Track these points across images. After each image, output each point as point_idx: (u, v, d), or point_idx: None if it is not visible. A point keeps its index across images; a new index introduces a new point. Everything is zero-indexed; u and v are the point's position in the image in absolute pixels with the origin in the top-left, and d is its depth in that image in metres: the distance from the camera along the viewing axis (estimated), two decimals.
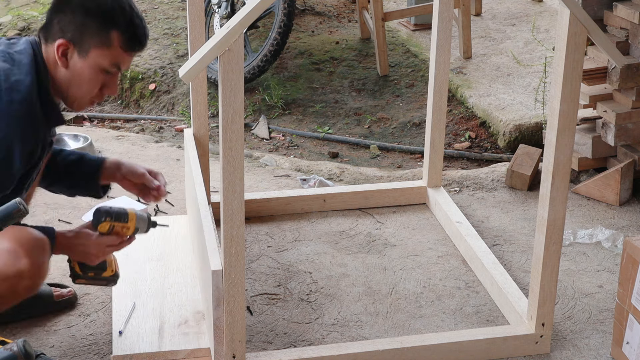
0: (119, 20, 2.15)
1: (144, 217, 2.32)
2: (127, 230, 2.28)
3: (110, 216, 2.26)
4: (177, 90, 4.79)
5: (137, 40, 2.20)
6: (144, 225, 2.32)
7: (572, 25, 2.12)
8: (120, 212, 2.27)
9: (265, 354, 2.36)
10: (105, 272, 2.36)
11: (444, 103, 3.12)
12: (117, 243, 2.28)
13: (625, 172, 3.28)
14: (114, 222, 2.26)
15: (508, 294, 2.61)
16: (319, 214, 3.23)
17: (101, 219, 2.25)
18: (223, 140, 2.05)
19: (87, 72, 2.17)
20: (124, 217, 2.27)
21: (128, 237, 2.31)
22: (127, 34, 2.17)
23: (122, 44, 2.17)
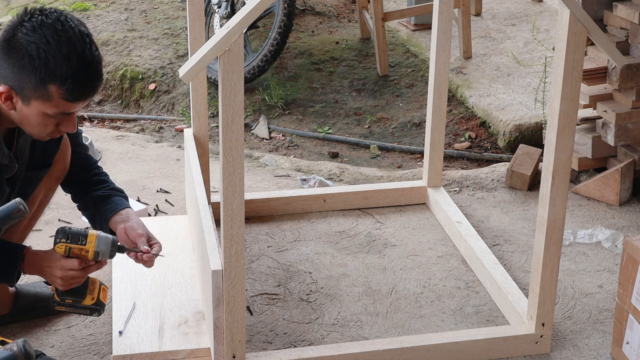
0: (57, 73, 1.97)
1: (107, 241, 2.15)
2: (86, 253, 2.13)
3: (66, 237, 2.12)
4: (177, 90, 4.79)
5: (80, 91, 2.02)
6: (106, 249, 2.15)
7: (572, 25, 2.12)
8: (78, 233, 2.13)
9: (265, 354, 2.36)
10: (85, 300, 2.22)
11: (444, 103, 3.12)
12: (80, 267, 2.15)
13: (625, 172, 3.28)
14: (70, 244, 2.12)
15: (508, 294, 2.61)
16: (319, 214, 3.23)
17: (57, 239, 2.13)
18: (223, 140, 2.05)
19: (34, 118, 2.05)
20: (82, 238, 2.13)
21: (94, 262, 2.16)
22: (66, 88, 2.00)
23: (62, 97, 2.01)
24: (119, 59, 5.01)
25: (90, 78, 2.03)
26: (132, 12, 5.58)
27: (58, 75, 1.98)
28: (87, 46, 2.02)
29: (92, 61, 2.03)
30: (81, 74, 2.00)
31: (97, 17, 5.49)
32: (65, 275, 2.15)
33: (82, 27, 2.04)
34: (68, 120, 2.10)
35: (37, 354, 2.12)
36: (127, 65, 4.96)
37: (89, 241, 2.14)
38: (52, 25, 1.99)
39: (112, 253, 2.18)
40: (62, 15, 2.03)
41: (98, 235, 2.15)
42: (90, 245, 2.14)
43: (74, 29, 2.01)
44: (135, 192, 3.37)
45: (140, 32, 5.30)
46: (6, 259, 2.18)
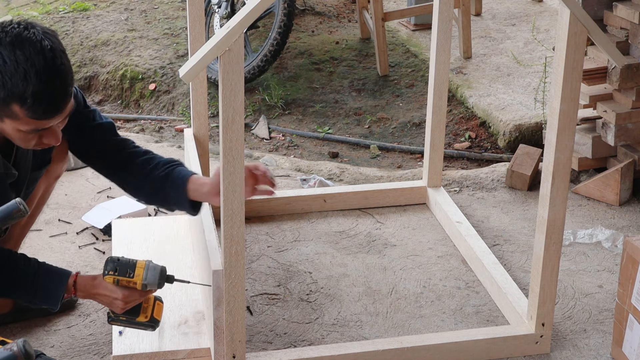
0: (15, 93, 1.90)
1: (155, 272, 2.16)
2: (134, 285, 2.15)
3: (114, 269, 2.14)
4: (177, 90, 4.79)
5: (43, 109, 1.94)
6: (154, 280, 2.15)
7: (573, 25, 2.12)
8: (126, 265, 2.14)
9: (265, 354, 2.36)
10: (139, 318, 2.23)
11: (444, 103, 3.12)
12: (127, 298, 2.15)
13: (625, 172, 3.28)
14: (118, 277, 2.14)
15: (508, 294, 2.61)
16: (319, 214, 3.23)
17: (105, 271, 2.15)
18: (223, 140, 2.05)
19: (12, 133, 2.01)
20: (129, 271, 2.14)
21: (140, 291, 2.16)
22: (27, 107, 1.92)
23: (28, 116, 1.94)
24: (119, 59, 5.01)
25: (52, 95, 1.94)
26: (132, 12, 5.58)
27: (17, 95, 1.91)
28: (48, 62, 1.92)
29: (54, 77, 1.93)
30: (40, 91, 1.91)
31: (97, 17, 5.49)
32: (114, 303, 2.17)
33: (46, 41, 1.94)
34: (50, 133, 2.04)
35: (37, 354, 2.12)
36: (127, 65, 4.96)
37: (136, 274, 2.15)
38: (11, 43, 1.91)
39: (160, 284, 2.18)
40: (25, 30, 1.94)
41: (147, 266, 2.16)
42: (138, 277, 2.15)
43: (35, 44, 1.92)
44: None
45: (140, 32, 5.30)
46: (52, 284, 2.17)
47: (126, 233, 2.93)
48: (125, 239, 2.90)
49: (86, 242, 3.00)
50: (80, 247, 2.96)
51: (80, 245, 2.98)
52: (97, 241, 3.01)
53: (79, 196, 3.32)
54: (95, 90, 5.00)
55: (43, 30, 1.97)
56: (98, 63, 5.04)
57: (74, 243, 2.99)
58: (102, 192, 3.35)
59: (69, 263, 2.86)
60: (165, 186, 2.26)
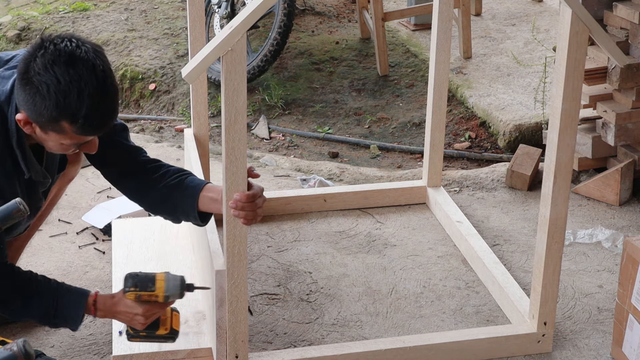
0: (67, 112, 1.96)
1: (176, 284, 2.15)
2: (157, 298, 2.14)
3: (134, 285, 2.13)
4: (177, 90, 4.79)
5: (92, 129, 2.02)
6: (176, 290, 2.15)
7: (574, 24, 2.12)
8: (146, 279, 2.14)
9: (267, 354, 2.36)
10: (159, 331, 2.22)
11: (444, 103, 3.12)
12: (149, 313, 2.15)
13: (625, 172, 3.28)
14: (140, 292, 2.14)
15: (509, 293, 2.61)
16: (319, 214, 3.23)
17: (126, 288, 2.14)
18: (226, 141, 2.05)
19: (52, 144, 2.07)
20: (150, 285, 2.14)
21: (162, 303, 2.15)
22: (79, 125, 1.98)
23: (75, 132, 2.01)
24: (119, 59, 5.01)
25: (102, 114, 2.00)
26: (132, 12, 5.58)
27: (69, 114, 1.96)
28: (100, 83, 1.96)
29: (105, 98, 1.98)
30: (92, 111, 1.97)
31: (97, 17, 5.49)
32: (135, 319, 2.16)
33: (98, 60, 1.98)
34: (89, 145, 2.10)
35: (37, 354, 2.12)
36: (127, 65, 4.96)
37: (157, 286, 2.14)
38: (65, 62, 1.94)
39: (181, 294, 2.18)
40: (77, 48, 1.97)
41: (166, 278, 2.15)
42: (160, 290, 2.14)
43: (87, 64, 1.96)
44: None
45: (140, 32, 5.29)
46: (72, 304, 2.17)
47: (126, 233, 2.93)
48: (125, 239, 2.90)
49: (86, 242, 3.00)
50: (80, 247, 2.96)
51: (80, 245, 2.98)
52: (97, 241, 3.01)
53: (79, 196, 3.32)
54: None
55: (93, 48, 1.99)
56: None
57: (74, 243, 2.99)
58: (102, 192, 3.35)
59: (69, 263, 2.86)
60: (175, 195, 2.26)
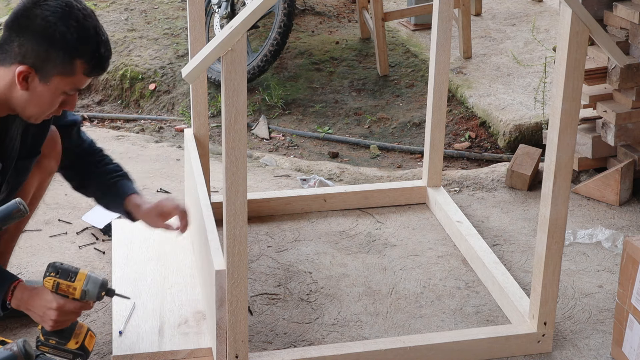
0: (84, 49, 2.08)
1: (97, 281, 2.11)
2: (74, 291, 2.09)
3: (55, 271, 2.08)
4: (177, 90, 4.79)
5: (101, 67, 2.16)
6: (94, 289, 2.10)
7: (574, 24, 2.12)
8: (68, 270, 2.09)
9: (267, 354, 2.36)
10: (69, 343, 2.14)
11: (444, 103, 3.12)
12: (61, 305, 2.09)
13: (625, 172, 3.28)
14: (59, 279, 2.08)
15: (510, 293, 2.61)
16: (319, 214, 3.23)
17: (46, 273, 2.09)
18: (226, 141, 2.05)
19: (48, 95, 2.11)
20: (71, 275, 2.08)
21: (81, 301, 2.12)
22: (92, 63, 2.11)
23: (85, 72, 2.11)
24: (119, 59, 5.01)
25: (109, 53, 2.16)
26: (132, 12, 5.58)
27: (86, 52, 2.08)
28: (100, 25, 2.14)
29: (107, 39, 2.16)
30: (102, 50, 2.12)
31: (97, 17, 5.48)
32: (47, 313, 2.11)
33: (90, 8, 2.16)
34: (72, 100, 2.18)
35: (37, 354, 2.12)
36: (127, 65, 4.96)
37: (77, 279, 2.10)
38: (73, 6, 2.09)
39: (99, 295, 2.12)
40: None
41: (88, 275, 2.12)
42: (79, 282, 2.09)
43: (87, 9, 2.13)
44: None
45: (140, 32, 5.29)
46: None
47: (126, 233, 2.93)
48: (125, 239, 2.90)
49: (86, 242, 3.00)
50: (80, 247, 2.96)
51: (80, 245, 2.98)
52: (97, 241, 3.01)
53: (79, 196, 3.29)
54: (95, 90, 5.00)
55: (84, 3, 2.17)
56: None
57: (74, 243, 2.99)
58: None
59: (69, 263, 2.85)
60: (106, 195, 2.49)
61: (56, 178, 3.42)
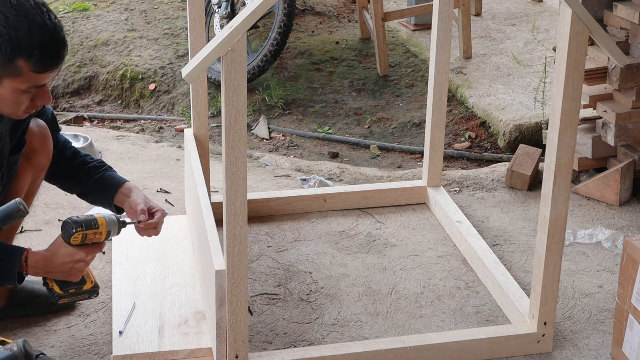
0: (22, 46, 1.97)
1: (113, 219, 2.23)
2: (100, 235, 2.19)
3: (80, 226, 2.15)
4: (177, 90, 4.79)
5: (49, 61, 2.02)
6: (115, 227, 2.24)
7: (574, 24, 2.12)
8: (89, 220, 2.17)
9: (267, 354, 2.36)
10: (86, 285, 2.26)
11: (444, 103, 3.12)
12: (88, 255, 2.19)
13: (625, 172, 3.28)
14: (86, 231, 2.16)
15: (510, 293, 2.61)
16: (319, 214, 3.23)
17: (72, 230, 2.15)
18: (226, 141, 2.05)
19: (8, 96, 2.05)
20: (94, 223, 2.17)
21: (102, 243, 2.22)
22: (36, 59, 1.99)
23: (32, 70, 2.00)
24: (119, 59, 5.01)
25: (55, 45, 2.02)
26: (132, 12, 5.58)
27: (24, 48, 1.97)
28: (45, 15, 2.00)
29: (54, 29, 2.02)
30: (46, 43, 1.99)
31: (97, 17, 5.49)
32: (76, 266, 2.18)
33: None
34: (43, 93, 2.10)
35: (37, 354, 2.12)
36: (127, 65, 4.96)
37: (100, 223, 2.19)
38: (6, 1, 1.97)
39: (119, 229, 2.26)
40: None
41: (104, 215, 2.22)
42: (103, 226, 2.19)
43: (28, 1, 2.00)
44: None
45: (140, 32, 5.30)
46: (5, 261, 2.15)
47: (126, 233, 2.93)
48: (125, 239, 2.90)
49: None
50: None
51: None
52: None
53: None
54: (95, 90, 5.00)
55: None
56: (98, 63, 5.04)
57: None
58: None
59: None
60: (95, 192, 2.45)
61: None
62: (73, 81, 5.00)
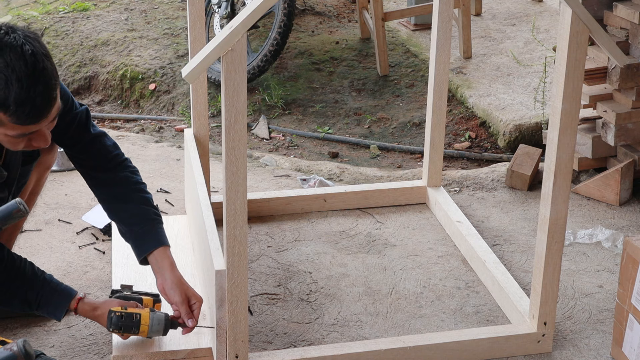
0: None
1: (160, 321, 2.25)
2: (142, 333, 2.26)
3: (118, 328, 2.23)
4: (177, 90, 4.79)
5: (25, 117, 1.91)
6: (160, 329, 2.26)
7: (574, 24, 2.12)
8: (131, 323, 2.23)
9: (267, 354, 2.36)
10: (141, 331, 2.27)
11: (444, 103, 3.12)
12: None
13: (625, 172, 3.28)
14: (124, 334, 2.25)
15: (510, 293, 2.61)
16: (319, 214, 3.23)
17: (109, 327, 2.24)
18: (226, 141, 2.05)
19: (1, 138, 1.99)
20: (135, 329, 2.23)
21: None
22: (12, 113, 1.90)
23: (12, 122, 1.92)
24: (119, 59, 5.01)
25: (35, 100, 1.91)
26: (132, 12, 5.58)
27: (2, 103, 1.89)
28: (29, 67, 1.89)
29: (36, 83, 1.90)
30: (23, 98, 1.89)
31: (97, 17, 5.49)
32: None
33: (27, 45, 1.90)
34: (38, 136, 2.02)
35: (37, 354, 2.12)
36: (127, 65, 4.96)
37: (141, 330, 2.24)
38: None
39: (165, 331, 2.28)
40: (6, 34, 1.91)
41: (151, 318, 2.25)
42: (143, 333, 2.25)
43: (15, 49, 1.89)
44: None
45: (140, 32, 5.29)
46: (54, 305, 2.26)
47: None
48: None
49: (86, 242, 3.00)
50: (80, 247, 2.96)
51: (80, 245, 2.97)
52: (97, 241, 3.01)
53: (79, 196, 3.32)
54: (95, 90, 5.00)
55: (24, 34, 1.93)
56: (98, 63, 5.04)
57: (74, 243, 2.99)
58: None
59: (69, 263, 2.86)
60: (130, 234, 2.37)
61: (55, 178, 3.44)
62: (73, 81, 5.00)
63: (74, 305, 2.26)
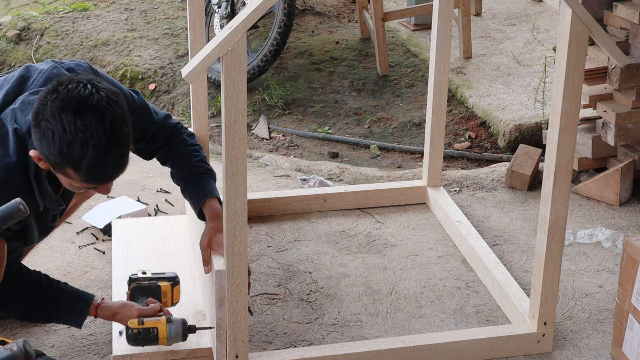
0: (70, 160, 1.99)
1: (177, 332, 2.26)
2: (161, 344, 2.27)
3: (137, 343, 2.23)
4: (177, 90, 4.79)
5: (94, 178, 2.04)
6: (178, 338, 2.27)
7: (574, 24, 2.12)
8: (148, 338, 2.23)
9: (267, 354, 2.36)
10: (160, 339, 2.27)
11: (444, 103, 3.12)
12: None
13: (625, 172, 3.28)
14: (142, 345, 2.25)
15: (510, 293, 2.61)
16: (319, 214, 3.23)
17: (128, 342, 2.25)
18: (226, 141, 2.05)
19: (65, 181, 2.10)
20: (153, 340, 2.23)
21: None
22: (82, 173, 2.02)
23: (81, 179, 2.04)
24: (119, 59, 5.01)
25: (105, 166, 2.02)
26: (132, 12, 5.58)
27: (71, 162, 2.00)
28: (107, 134, 1.98)
29: (110, 149, 2.00)
30: (95, 163, 2.00)
31: (97, 17, 5.49)
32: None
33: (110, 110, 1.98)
34: (102, 188, 2.14)
35: (37, 354, 2.12)
36: (127, 65, 4.96)
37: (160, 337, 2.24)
38: (74, 111, 1.96)
39: (184, 336, 2.29)
40: (90, 95, 1.98)
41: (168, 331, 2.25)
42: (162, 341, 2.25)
43: (96, 113, 1.97)
44: (135, 192, 3.37)
45: (140, 32, 5.29)
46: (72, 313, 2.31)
47: (126, 233, 2.93)
48: (125, 239, 2.90)
49: (86, 242, 3.00)
50: (80, 247, 2.96)
51: (80, 245, 2.98)
52: (97, 241, 3.01)
53: None
54: None
55: (108, 96, 2.00)
56: (98, 63, 5.04)
57: (74, 243, 2.99)
58: None
59: (69, 263, 2.86)
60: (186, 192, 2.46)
61: None
62: None
63: (93, 312, 2.30)
